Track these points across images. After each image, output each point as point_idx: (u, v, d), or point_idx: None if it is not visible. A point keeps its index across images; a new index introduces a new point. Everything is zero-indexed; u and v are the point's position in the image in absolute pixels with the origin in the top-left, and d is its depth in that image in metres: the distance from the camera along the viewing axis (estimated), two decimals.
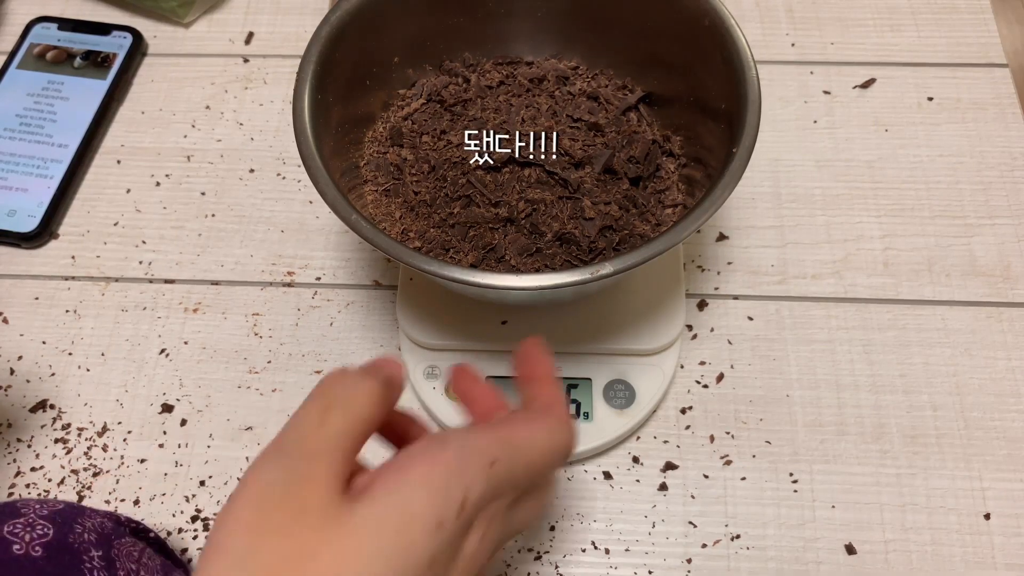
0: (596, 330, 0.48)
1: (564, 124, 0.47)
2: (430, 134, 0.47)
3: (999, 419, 0.48)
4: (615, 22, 0.48)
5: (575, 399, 0.47)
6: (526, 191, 0.45)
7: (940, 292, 0.51)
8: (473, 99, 0.48)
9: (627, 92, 0.50)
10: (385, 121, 0.49)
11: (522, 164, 0.45)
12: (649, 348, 0.47)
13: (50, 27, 0.63)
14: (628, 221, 0.45)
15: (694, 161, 0.46)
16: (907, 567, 0.44)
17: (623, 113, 0.48)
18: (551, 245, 0.44)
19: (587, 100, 0.49)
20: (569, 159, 0.45)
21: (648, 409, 0.47)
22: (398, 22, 0.46)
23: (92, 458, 0.48)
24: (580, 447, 0.46)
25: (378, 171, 0.47)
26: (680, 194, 0.46)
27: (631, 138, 0.47)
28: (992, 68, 0.59)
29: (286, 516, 0.24)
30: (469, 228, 0.44)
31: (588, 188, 0.45)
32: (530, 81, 0.49)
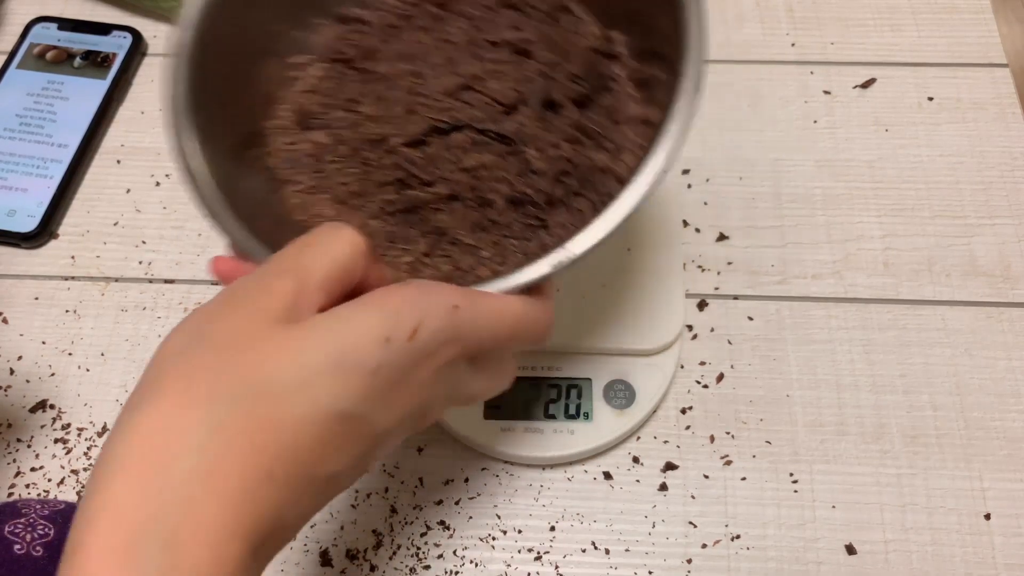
0: (596, 329, 0.48)
1: (486, 57, 0.40)
2: (342, 107, 0.40)
3: (999, 419, 0.48)
4: None
5: (575, 399, 0.47)
6: (461, 159, 0.38)
7: (940, 292, 0.51)
8: (378, 47, 0.41)
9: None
10: (286, 102, 0.41)
11: (445, 131, 0.38)
12: (649, 348, 0.47)
13: (50, 27, 0.63)
14: (584, 156, 0.38)
15: (648, 56, 0.39)
16: (907, 567, 0.44)
17: (549, 16, 0.41)
18: (504, 212, 0.38)
19: (507, 9, 0.41)
20: (499, 106, 0.38)
21: (648, 409, 0.47)
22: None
23: (92, 458, 0.48)
24: (580, 447, 0.46)
25: (294, 168, 0.40)
26: (637, 104, 0.40)
27: (566, 52, 0.39)
28: (992, 68, 0.59)
29: (244, 311, 0.25)
30: (410, 213, 0.39)
31: (529, 134, 0.38)
32: (436, 3, 0.42)
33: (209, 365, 0.24)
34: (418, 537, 0.45)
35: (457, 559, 0.45)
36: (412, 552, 0.45)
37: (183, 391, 0.24)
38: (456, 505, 0.46)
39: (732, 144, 0.57)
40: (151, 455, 0.23)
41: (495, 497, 0.46)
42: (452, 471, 0.47)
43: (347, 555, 0.45)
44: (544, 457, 0.46)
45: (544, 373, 0.47)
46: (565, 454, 0.46)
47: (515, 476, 0.47)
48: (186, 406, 0.24)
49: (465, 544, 0.45)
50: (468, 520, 0.46)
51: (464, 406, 0.32)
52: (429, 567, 0.45)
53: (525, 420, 0.46)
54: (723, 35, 0.62)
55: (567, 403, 0.47)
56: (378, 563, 0.45)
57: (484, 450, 0.47)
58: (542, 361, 0.48)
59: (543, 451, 0.46)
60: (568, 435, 0.46)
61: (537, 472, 0.47)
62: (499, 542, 0.45)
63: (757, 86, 0.59)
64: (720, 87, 0.59)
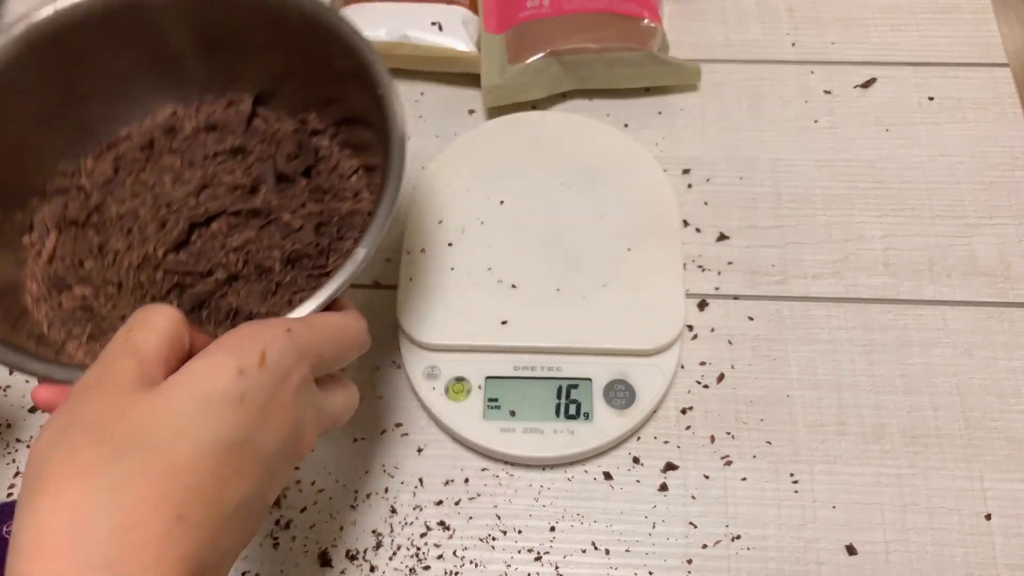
0: (596, 330, 0.48)
1: (210, 164, 0.45)
2: (91, 257, 0.43)
3: (1000, 419, 0.47)
4: (177, 49, 0.45)
5: (575, 399, 0.47)
6: (227, 242, 0.42)
7: (941, 292, 0.51)
8: (103, 200, 0.44)
9: (237, 105, 0.47)
10: (30, 278, 0.42)
11: (202, 224, 0.43)
12: (649, 348, 0.47)
13: None
14: (331, 207, 0.44)
15: (351, 121, 0.45)
16: (908, 567, 0.44)
17: (248, 125, 0.46)
18: (285, 273, 0.42)
19: (207, 133, 0.46)
20: (242, 190, 0.44)
21: (648, 409, 0.46)
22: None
23: None
24: (581, 447, 0.46)
25: (68, 325, 0.41)
26: (350, 158, 0.46)
27: (275, 140, 0.45)
28: (993, 68, 0.59)
29: (100, 394, 0.27)
30: (201, 309, 0.41)
31: (277, 204, 0.43)
32: (141, 150, 0.46)
33: (88, 441, 0.26)
34: (418, 537, 0.45)
35: (457, 559, 0.45)
36: (412, 552, 0.45)
37: (73, 470, 0.25)
38: (456, 505, 0.46)
39: (732, 144, 0.57)
40: (63, 534, 0.24)
41: (495, 497, 0.46)
42: (452, 471, 0.47)
43: (347, 556, 0.45)
44: (544, 457, 0.46)
45: (544, 373, 0.47)
46: (565, 454, 0.46)
47: (515, 476, 0.47)
48: (80, 479, 0.25)
49: (465, 544, 0.45)
50: (468, 520, 0.46)
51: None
52: (429, 567, 0.44)
53: (525, 420, 0.46)
54: (723, 35, 0.62)
55: (567, 403, 0.47)
56: (378, 564, 0.45)
57: (484, 451, 0.47)
58: (542, 361, 0.48)
59: (543, 451, 0.46)
60: (568, 435, 0.46)
61: (537, 472, 0.47)
62: (499, 542, 0.45)
63: (757, 86, 0.59)
64: (720, 87, 0.59)
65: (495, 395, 0.47)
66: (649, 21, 0.57)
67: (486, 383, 0.47)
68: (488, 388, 0.47)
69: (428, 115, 0.59)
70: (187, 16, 0.44)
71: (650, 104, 0.59)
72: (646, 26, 0.57)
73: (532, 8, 0.58)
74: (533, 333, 0.48)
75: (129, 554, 0.24)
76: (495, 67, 0.57)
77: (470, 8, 0.59)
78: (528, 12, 0.58)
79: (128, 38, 0.44)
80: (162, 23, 0.44)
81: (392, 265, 0.53)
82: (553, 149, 0.54)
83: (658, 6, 0.59)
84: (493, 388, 0.47)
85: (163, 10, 0.44)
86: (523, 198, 0.52)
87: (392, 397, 0.49)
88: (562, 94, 0.59)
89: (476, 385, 0.47)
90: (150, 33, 0.44)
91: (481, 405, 0.47)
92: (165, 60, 0.45)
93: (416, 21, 0.57)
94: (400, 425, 0.49)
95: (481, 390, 0.47)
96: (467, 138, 0.55)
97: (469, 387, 0.47)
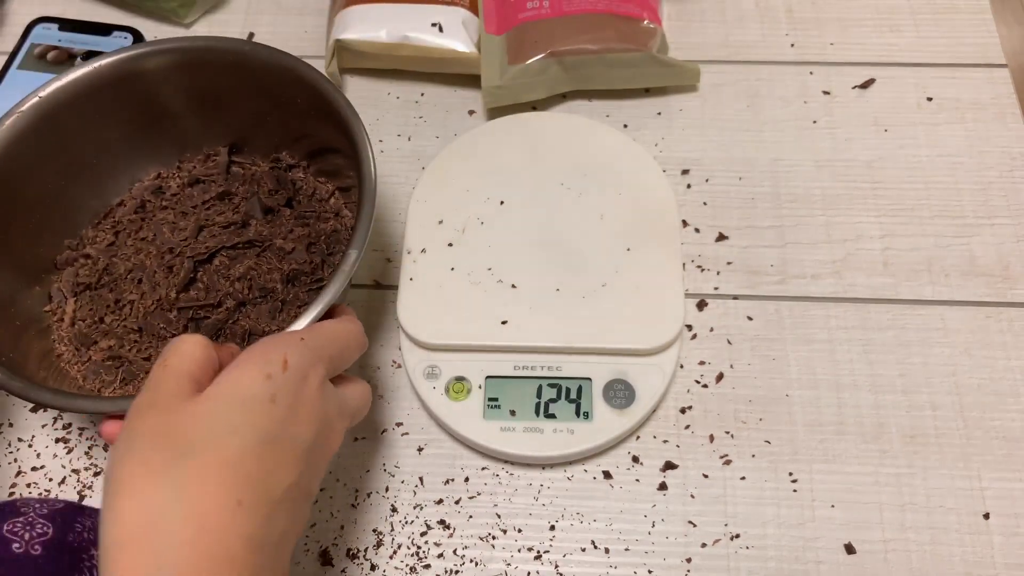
0: (596, 329, 0.48)
1: (202, 211, 0.50)
2: (110, 313, 0.47)
3: (998, 419, 0.48)
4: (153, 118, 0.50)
5: (575, 399, 0.47)
6: (230, 273, 0.47)
7: (939, 292, 0.52)
8: (110, 260, 0.49)
9: (214, 157, 0.52)
10: (58, 342, 0.47)
11: (204, 261, 0.47)
12: (649, 347, 0.47)
13: (51, 28, 0.63)
14: (317, 228, 0.49)
15: (324, 152, 0.50)
16: (907, 567, 0.44)
17: (228, 172, 0.51)
18: (287, 291, 0.47)
19: (192, 187, 0.51)
20: (235, 226, 0.48)
21: (648, 409, 0.47)
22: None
23: (93, 457, 0.48)
24: (580, 447, 0.46)
25: (101, 375, 0.45)
26: (325, 184, 0.51)
27: (254, 180, 0.51)
28: (992, 68, 0.59)
29: (152, 410, 0.31)
30: (218, 337, 0.46)
31: (268, 233, 0.48)
32: (135, 212, 0.51)
33: (152, 448, 0.30)
34: (418, 536, 0.45)
35: (457, 558, 0.45)
36: (412, 551, 0.45)
37: (143, 472, 0.29)
38: (456, 505, 0.46)
39: (731, 144, 0.57)
40: (142, 526, 0.28)
41: (495, 496, 0.46)
42: (452, 471, 0.47)
43: (347, 554, 0.45)
44: (544, 457, 0.46)
45: (544, 373, 0.47)
46: (565, 453, 0.46)
47: (515, 476, 0.47)
48: (151, 479, 0.29)
49: (465, 543, 0.45)
50: (468, 519, 0.46)
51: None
52: (429, 566, 0.45)
53: (525, 420, 0.46)
54: (723, 35, 0.62)
55: (567, 403, 0.47)
56: (378, 562, 0.45)
57: (484, 450, 0.47)
58: (542, 361, 0.48)
59: (543, 451, 0.46)
60: (568, 435, 0.46)
61: (537, 472, 0.47)
62: (499, 541, 0.45)
63: (756, 86, 0.59)
64: (720, 87, 0.60)
65: (495, 395, 0.47)
66: (649, 22, 0.57)
67: (486, 383, 0.47)
68: (488, 388, 0.47)
69: (428, 116, 0.59)
70: (178, 79, 0.49)
71: (649, 105, 0.59)
72: (646, 27, 0.57)
73: (532, 9, 0.58)
74: (533, 333, 0.48)
75: (200, 535, 0.28)
76: (495, 68, 0.57)
77: (470, 9, 0.59)
78: (528, 13, 0.58)
79: (121, 105, 0.49)
80: (156, 88, 0.49)
81: (392, 265, 0.53)
82: (553, 149, 0.54)
83: (658, 7, 0.59)
84: (493, 388, 0.47)
85: (156, 74, 0.48)
86: (523, 198, 0.52)
87: (392, 397, 0.50)
88: (562, 95, 0.59)
89: (476, 385, 0.47)
90: (142, 98, 0.49)
91: (481, 405, 0.47)
92: (150, 125, 0.50)
93: (416, 22, 0.57)
94: (400, 424, 0.49)
95: (481, 390, 0.47)
96: (467, 138, 0.55)
97: (469, 387, 0.47)
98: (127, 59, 0.48)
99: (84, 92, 0.47)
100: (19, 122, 0.45)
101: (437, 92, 0.60)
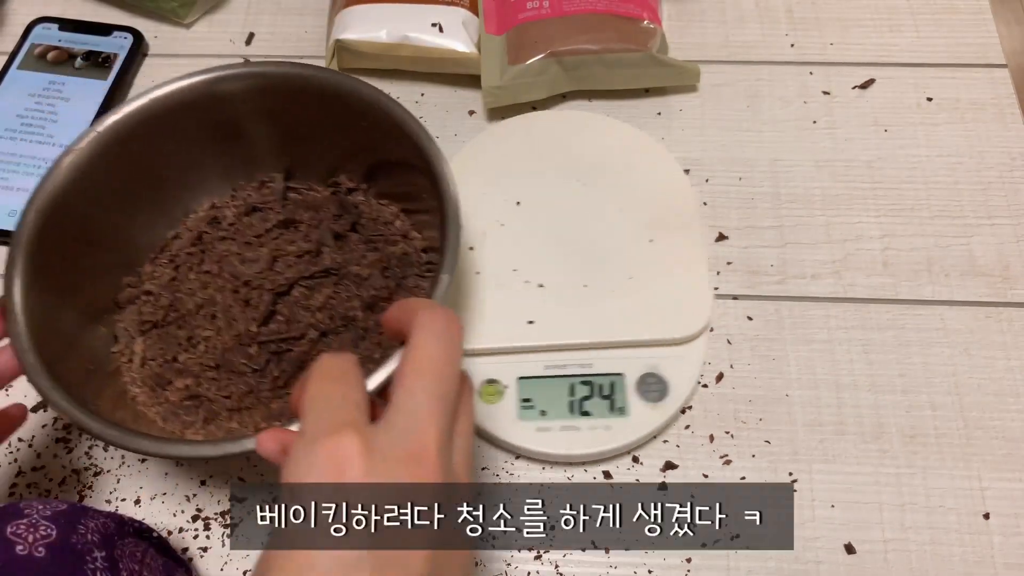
0: (627, 322, 0.48)
1: (268, 241, 0.49)
2: (183, 350, 0.46)
3: (998, 419, 0.48)
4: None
5: (607, 395, 0.47)
6: (309, 301, 0.46)
7: (939, 292, 0.52)
8: (173, 297, 0.47)
9: (268, 184, 0.51)
10: (131, 384, 0.45)
11: (283, 293, 0.47)
12: (681, 336, 0.47)
13: (51, 27, 0.63)
14: (387, 252, 0.48)
15: (372, 174, 0.49)
16: (906, 567, 0.44)
17: (284, 199, 0.50)
18: (367, 318, 0.46)
19: (248, 216, 0.50)
20: (309, 255, 0.48)
21: (682, 400, 0.47)
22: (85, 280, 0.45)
23: (93, 457, 0.48)
24: (618, 443, 0.46)
25: (180, 415, 0.44)
26: (387, 206, 0.50)
27: (317, 206, 0.50)
28: (991, 68, 0.60)
29: (349, 428, 0.28)
30: (299, 370, 0.45)
31: (341, 259, 0.48)
32: (193, 245, 0.49)
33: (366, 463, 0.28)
34: None
35: None
36: None
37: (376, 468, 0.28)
38: None
39: (731, 144, 0.57)
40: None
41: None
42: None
43: None
44: (583, 455, 0.46)
45: (576, 371, 0.47)
46: (604, 450, 0.46)
47: (515, 475, 0.47)
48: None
49: None
50: None
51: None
52: None
53: (560, 418, 0.46)
54: (723, 35, 0.62)
55: (600, 399, 0.47)
56: None
57: (520, 451, 0.47)
58: (573, 359, 0.48)
59: (581, 448, 0.46)
60: (604, 431, 0.46)
61: (537, 471, 0.47)
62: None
63: (756, 86, 0.59)
64: (720, 87, 0.60)
65: (528, 395, 0.47)
66: (649, 22, 0.57)
67: (518, 384, 0.47)
68: (521, 388, 0.47)
69: (428, 116, 0.59)
70: (232, 107, 0.47)
71: (649, 105, 0.59)
72: (646, 27, 0.57)
73: (532, 9, 0.58)
74: (562, 331, 0.48)
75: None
76: (495, 68, 0.57)
77: (470, 9, 0.59)
78: (528, 13, 0.58)
79: (176, 136, 0.47)
80: (210, 116, 0.47)
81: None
82: (563, 147, 0.54)
83: (657, 7, 0.59)
84: (526, 388, 0.47)
85: (209, 102, 0.46)
86: (540, 198, 0.52)
87: None
88: (562, 95, 0.59)
89: (509, 386, 0.47)
90: (198, 127, 0.47)
91: (515, 406, 0.47)
92: (202, 154, 0.49)
93: (416, 22, 0.57)
94: None
95: (514, 391, 0.47)
96: (476, 143, 0.55)
97: (502, 388, 0.47)
98: (190, 88, 0.46)
99: (137, 125, 0.45)
100: (79, 158, 0.43)
101: (437, 92, 0.60)
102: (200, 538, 0.46)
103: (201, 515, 0.46)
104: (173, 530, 0.46)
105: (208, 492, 0.47)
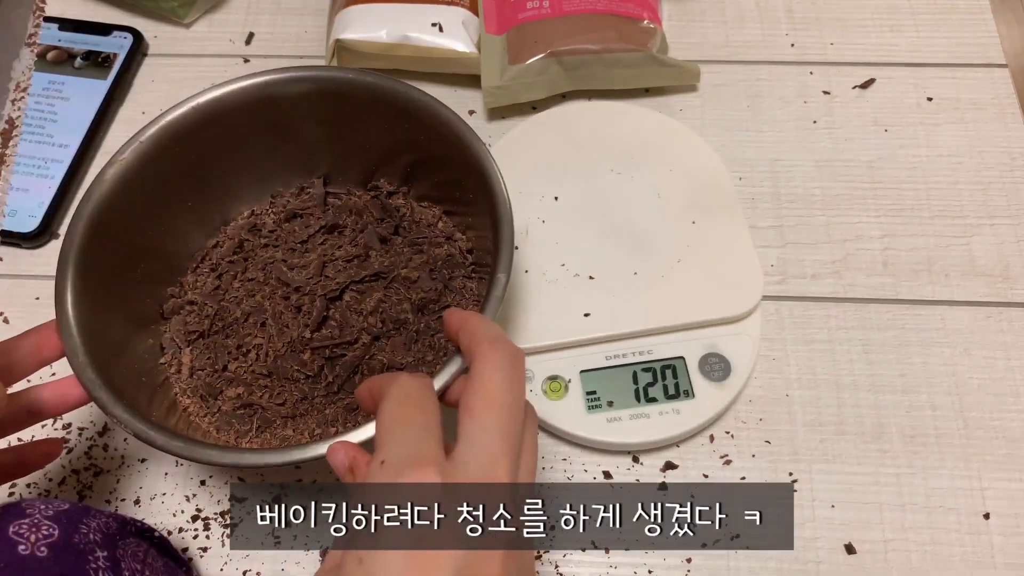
0: (680, 305, 0.48)
1: (314, 246, 0.48)
2: (232, 361, 0.46)
3: (998, 419, 0.48)
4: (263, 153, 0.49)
5: (673, 379, 0.47)
6: (361, 305, 0.46)
7: (939, 292, 0.52)
8: (219, 306, 0.47)
9: (308, 189, 0.51)
10: (180, 395, 0.45)
11: (334, 298, 0.46)
12: (736, 314, 0.48)
13: (50, 27, 0.63)
14: (432, 254, 0.48)
15: (411, 176, 0.50)
16: (907, 566, 0.44)
17: (325, 204, 0.50)
18: (418, 320, 0.46)
19: (289, 222, 0.50)
20: (357, 259, 0.47)
21: (745, 376, 0.47)
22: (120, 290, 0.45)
23: (93, 458, 0.48)
24: (690, 424, 0.46)
25: (233, 425, 0.44)
26: (428, 208, 0.50)
27: (360, 210, 0.49)
28: (991, 68, 0.60)
29: (429, 451, 0.30)
30: (354, 374, 0.45)
31: (389, 263, 0.47)
32: (234, 253, 0.49)
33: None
34: None
35: None
36: None
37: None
38: None
39: (731, 144, 0.57)
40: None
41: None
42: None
43: None
44: (656, 441, 0.46)
45: (636, 359, 0.47)
46: (675, 434, 0.46)
47: None
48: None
49: None
50: None
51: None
52: None
53: (629, 407, 0.46)
54: (723, 35, 0.62)
55: (665, 384, 0.47)
56: None
57: (593, 444, 0.47)
58: (632, 347, 0.48)
59: (653, 435, 0.46)
60: (674, 415, 0.46)
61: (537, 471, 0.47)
62: None
63: (756, 86, 0.59)
64: (720, 87, 0.60)
65: (592, 388, 0.47)
66: (649, 22, 0.57)
67: (581, 377, 0.47)
68: (584, 382, 0.47)
69: None
70: (307, 106, 0.47)
71: (650, 105, 0.59)
72: (646, 27, 0.57)
73: (532, 9, 0.58)
74: (618, 320, 0.48)
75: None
76: (495, 68, 0.57)
77: (470, 9, 0.59)
78: (528, 13, 0.58)
79: (216, 143, 0.47)
80: (287, 113, 0.47)
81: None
82: (592, 139, 0.54)
83: (658, 7, 0.59)
84: (589, 381, 0.47)
85: (243, 108, 0.46)
86: (577, 191, 0.52)
87: None
88: (562, 95, 0.59)
89: (571, 381, 0.47)
90: (237, 133, 0.47)
91: (581, 400, 0.47)
92: (243, 161, 0.49)
93: (416, 22, 0.57)
94: None
95: (577, 385, 0.47)
96: (503, 144, 0.55)
97: (565, 383, 0.47)
98: (242, 91, 0.46)
99: (178, 134, 0.45)
100: (122, 168, 0.43)
101: (437, 92, 0.59)
102: (200, 538, 0.46)
103: (201, 515, 0.46)
104: (173, 530, 0.46)
105: (208, 492, 0.47)
